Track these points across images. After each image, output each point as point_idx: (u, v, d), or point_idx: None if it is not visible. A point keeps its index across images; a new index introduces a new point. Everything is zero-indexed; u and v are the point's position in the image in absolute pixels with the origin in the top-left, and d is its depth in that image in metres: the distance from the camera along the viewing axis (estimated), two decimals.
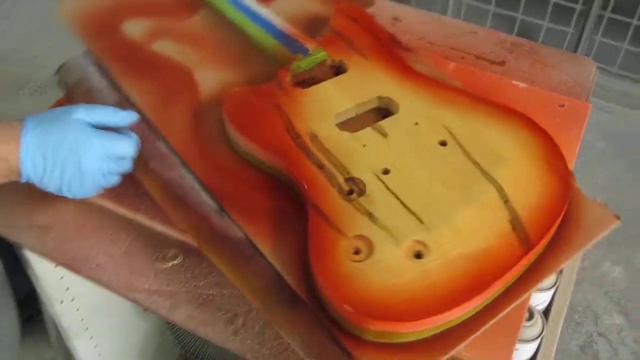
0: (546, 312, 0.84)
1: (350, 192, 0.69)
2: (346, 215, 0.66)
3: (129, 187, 0.79)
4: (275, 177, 0.75)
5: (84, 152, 0.67)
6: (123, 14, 0.96)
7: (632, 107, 2.06)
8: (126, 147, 0.71)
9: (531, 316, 0.79)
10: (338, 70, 0.85)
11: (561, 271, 0.88)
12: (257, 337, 0.69)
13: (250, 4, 0.93)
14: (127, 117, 0.73)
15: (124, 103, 0.84)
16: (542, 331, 0.77)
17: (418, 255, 0.63)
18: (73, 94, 0.87)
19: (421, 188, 0.69)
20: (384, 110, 0.80)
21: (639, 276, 1.65)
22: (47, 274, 0.90)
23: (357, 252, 0.64)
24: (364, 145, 0.73)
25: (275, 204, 0.72)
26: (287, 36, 0.87)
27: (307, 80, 0.83)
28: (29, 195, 0.81)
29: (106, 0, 0.99)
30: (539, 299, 0.83)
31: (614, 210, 0.75)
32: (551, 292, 0.83)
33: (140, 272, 0.76)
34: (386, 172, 0.70)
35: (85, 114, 0.69)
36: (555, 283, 0.84)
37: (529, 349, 0.76)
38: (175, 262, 0.76)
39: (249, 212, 0.72)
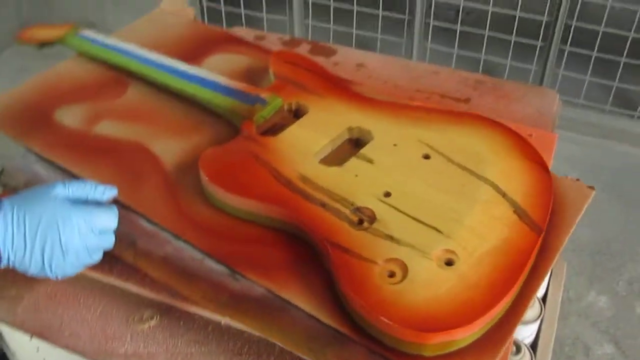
0: (534, 346, 0.89)
1: (361, 222, 0.71)
2: (367, 243, 0.68)
3: None
4: (274, 227, 0.75)
5: (63, 227, 0.64)
6: (52, 104, 0.93)
7: (601, 136, 2.18)
8: (108, 219, 0.68)
9: (518, 350, 0.84)
10: (296, 113, 0.87)
11: (544, 301, 0.95)
12: None
13: (188, 69, 0.93)
14: (107, 192, 0.70)
15: None
16: None
17: (449, 263, 0.66)
18: None
19: (425, 201, 0.72)
20: (355, 141, 0.83)
21: (624, 303, 1.73)
22: (21, 347, 0.84)
23: (391, 275, 0.65)
24: (356, 175, 0.76)
25: (286, 254, 0.73)
26: (238, 91, 0.88)
27: (270, 129, 0.84)
28: None
29: (28, 94, 0.94)
30: (525, 332, 0.88)
31: (597, 237, 0.82)
32: (537, 324, 0.89)
33: (115, 336, 0.75)
34: (387, 194, 0.73)
35: (63, 190, 0.66)
36: (540, 314, 0.89)
37: None
38: (152, 322, 0.77)
39: (265, 269, 0.71)
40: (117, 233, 0.72)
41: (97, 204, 0.68)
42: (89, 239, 0.66)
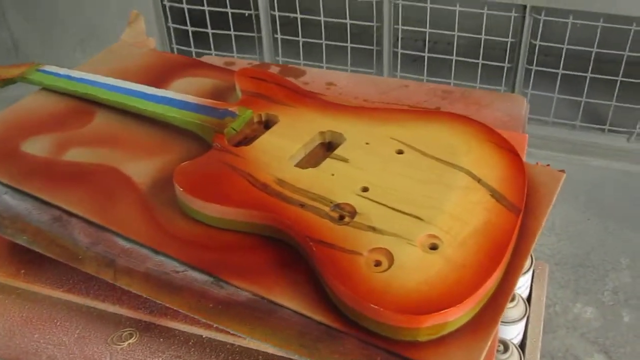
0: (522, 347, 0.93)
1: (342, 217, 0.73)
2: (350, 236, 0.70)
3: (76, 273, 0.80)
4: (254, 233, 0.77)
5: None
6: (17, 137, 0.94)
7: (574, 152, 2.26)
8: None
9: (506, 348, 0.87)
10: (267, 124, 0.90)
11: (529, 302, 0.99)
12: None
13: (155, 92, 0.96)
14: None
15: (63, 216, 0.82)
16: None
17: (433, 247, 0.69)
18: None
19: (403, 192, 0.75)
20: (328, 144, 0.86)
21: (611, 312, 1.78)
22: None
23: (377, 264, 0.68)
24: (332, 174, 0.78)
25: (269, 257, 0.74)
26: (207, 107, 0.91)
27: (241, 141, 0.87)
28: None
29: None
30: (512, 331, 0.92)
31: (579, 250, 0.86)
32: (523, 323, 0.92)
33: (95, 357, 0.77)
34: (365, 189, 0.76)
35: None
36: (525, 313, 0.93)
37: None
38: (131, 340, 0.78)
39: (248, 274, 0.73)
40: (93, 253, 0.74)
41: None
42: None
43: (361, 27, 2.32)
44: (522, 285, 1.00)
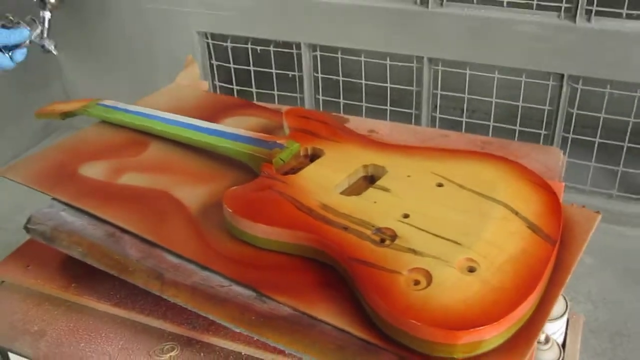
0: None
1: (383, 241, 0.77)
2: (391, 257, 0.74)
3: (124, 288, 0.86)
4: (295, 254, 0.80)
5: None
6: (76, 162, 1.01)
7: (611, 222, 2.24)
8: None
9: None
10: (312, 157, 0.95)
11: (564, 347, 1.01)
12: None
13: (208, 125, 1.02)
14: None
15: (116, 232, 0.87)
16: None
17: (471, 270, 0.72)
18: (54, 239, 0.88)
19: (443, 220, 0.79)
20: (370, 177, 0.90)
21: None
22: None
23: (416, 283, 0.71)
24: (375, 202, 0.82)
25: (311, 277, 0.78)
26: (257, 139, 0.97)
27: (288, 172, 0.92)
28: (25, 302, 0.91)
29: (53, 154, 1.03)
30: None
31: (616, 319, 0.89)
32: None
33: None
34: (406, 216, 0.79)
35: None
36: (560, 357, 0.95)
37: None
38: (172, 353, 0.82)
39: (291, 291, 0.76)
40: (143, 267, 0.79)
41: None
42: None
43: (401, 92, 2.39)
44: (557, 331, 1.01)
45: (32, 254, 0.96)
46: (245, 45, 2.47)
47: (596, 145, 2.22)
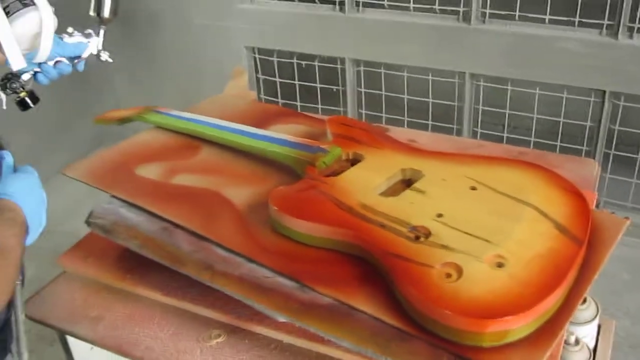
0: None
1: (417, 237, 0.82)
2: (424, 253, 0.80)
3: (175, 280, 0.93)
4: (336, 250, 0.87)
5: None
6: (132, 163, 1.09)
7: None
8: None
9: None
10: (353, 161, 1.01)
11: (595, 352, 1.04)
12: None
13: (256, 131, 1.10)
14: None
15: (170, 227, 0.95)
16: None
17: (500, 265, 0.77)
18: (113, 233, 0.96)
19: (475, 220, 0.84)
20: (408, 181, 0.96)
21: None
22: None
23: (448, 276, 0.76)
24: (411, 203, 0.88)
25: (348, 270, 0.84)
26: (302, 144, 1.04)
27: (330, 175, 0.98)
28: (84, 290, 1.00)
29: (112, 156, 1.12)
30: None
31: None
32: None
33: (186, 350, 0.89)
34: (440, 215, 0.85)
35: None
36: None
37: None
38: (220, 339, 0.90)
39: (330, 282, 0.83)
40: (194, 258, 0.86)
41: None
42: None
43: (442, 107, 2.44)
44: (588, 335, 1.05)
45: (90, 247, 1.04)
46: (291, 60, 2.56)
47: (638, 162, 2.23)
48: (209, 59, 2.72)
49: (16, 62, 0.92)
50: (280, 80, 2.59)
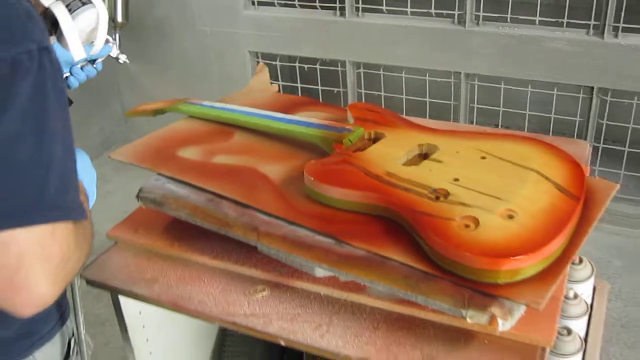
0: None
1: (437, 198, 0.97)
2: (446, 209, 0.94)
3: (219, 245, 1.08)
4: (364, 212, 1.01)
5: None
6: (174, 146, 1.23)
7: (638, 227, 2.45)
8: None
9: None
10: (375, 140, 1.16)
11: (592, 307, 1.19)
12: (340, 338, 0.95)
13: (284, 116, 1.24)
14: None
15: (215, 198, 1.08)
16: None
17: (510, 217, 0.91)
18: (163, 205, 1.10)
19: (486, 182, 0.99)
20: (424, 155, 1.11)
21: None
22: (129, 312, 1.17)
23: (467, 226, 0.91)
24: (430, 170, 1.03)
25: (378, 228, 0.98)
26: (329, 125, 1.18)
27: (356, 151, 1.13)
28: (137, 257, 1.14)
29: (153, 142, 1.25)
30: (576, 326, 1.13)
31: None
32: (584, 320, 1.13)
33: (236, 303, 1.02)
34: (456, 180, 1.00)
35: None
36: (587, 311, 1.13)
37: None
38: (264, 293, 1.04)
39: (363, 237, 0.97)
40: (241, 222, 1.00)
41: None
42: None
43: (439, 106, 2.60)
44: (585, 292, 1.20)
45: (139, 221, 1.18)
46: (293, 64, 2.71)
47: (625, 154, 2.40)
48: (214, 64, 2.86)
49: (78, 53, 1.06)
50: (284, 83, 2.74)
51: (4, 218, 0.70)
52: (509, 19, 2.39)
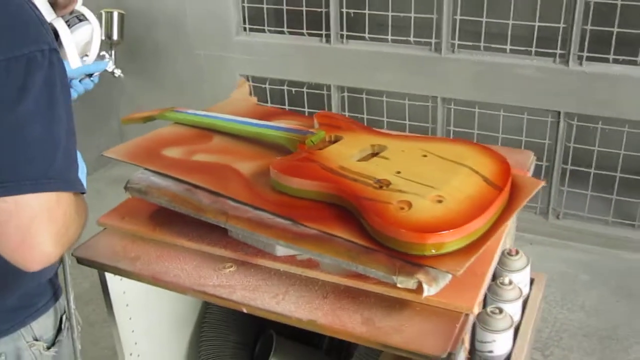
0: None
1: (380, 187, 1.14)
2: (386, 195, 1.11)
3: (194, 229, 1.26)
4: (319, 200, 1.18)
5: None
6: (159, 147, 1.41)
7: (606, 245, 2.62)
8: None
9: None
10: (334, 142, 1.34)
11: (528, 296, 1.35)
12: (294, 305, 1.11)
13: (258, 122, 1.42)
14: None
15: (192, 188, 1.26)
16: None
17: (439, 201, 1.09)
18: (147, 193, 1.27)
19: (423, 175, 1.16)
20: (375, 154, 1.29)
21: None
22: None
23: (402, 209, 1.08)
24: (377, 165, 1.21)
25: (329, 212, 1.16)
26: (295, 129, 1.36)
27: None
28: (122, 240, 1.31)
29: (142, 143, 1.43)
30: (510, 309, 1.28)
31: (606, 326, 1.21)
32: (519, 304, 1.29)
33: (206, 276, 1.19)
34: (398, 172, 1.18)
35: None
36: (520, 295, 1.29)
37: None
38: (232, 269, 1.20)
39: (316, 219, 1.14)
40: (213, 207, 1.17)
41: None
42: None
43: (418, 128, 2.79)
44: (521, 282, 1.36)
45: (125, 210, 1.36)
46: (282, 87, 2.91)
47: (591, 176, 2.57)
48: (207, 86, 3.06)
49: (74, 62, 1.25)
50: (273, 105, 2.93)
51: (19, 185, 0.86)
52: (482, 48, 2.59)
